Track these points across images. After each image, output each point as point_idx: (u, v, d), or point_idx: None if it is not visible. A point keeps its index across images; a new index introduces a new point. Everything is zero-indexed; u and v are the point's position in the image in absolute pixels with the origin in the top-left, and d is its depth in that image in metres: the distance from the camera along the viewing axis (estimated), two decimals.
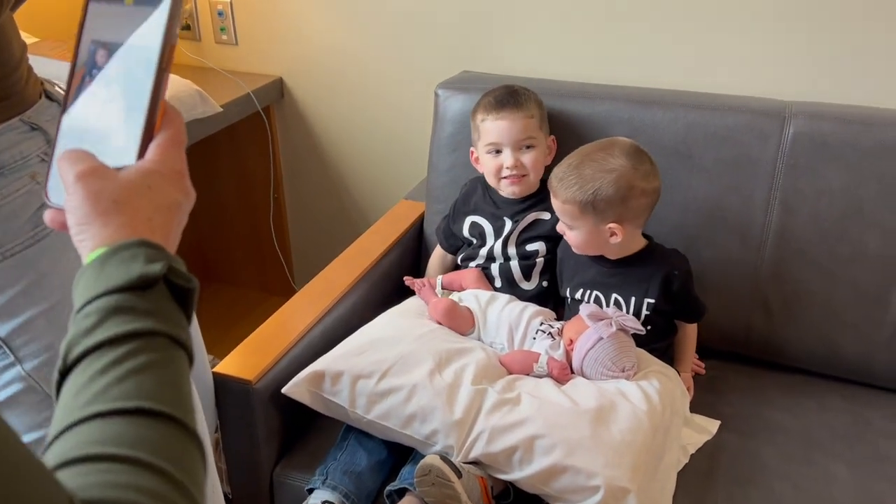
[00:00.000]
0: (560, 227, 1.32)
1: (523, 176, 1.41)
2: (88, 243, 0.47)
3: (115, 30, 0.51)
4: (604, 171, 1.24)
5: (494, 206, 1.47)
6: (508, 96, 1.42)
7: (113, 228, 0.46)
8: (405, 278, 1.48)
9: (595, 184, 1.23)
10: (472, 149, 1.49)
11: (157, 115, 0.51)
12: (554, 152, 1.46)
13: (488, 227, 1.46)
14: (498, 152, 1.41)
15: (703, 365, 1.44)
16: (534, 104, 1.42)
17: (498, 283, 1.44)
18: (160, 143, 0.51)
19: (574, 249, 1.32)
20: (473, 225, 1.48)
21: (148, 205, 0.48)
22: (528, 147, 1.40)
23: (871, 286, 1.35)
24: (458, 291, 1.41)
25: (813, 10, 1.50)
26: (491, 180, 1.45)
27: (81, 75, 0.52)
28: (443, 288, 1.45)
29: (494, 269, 1.45)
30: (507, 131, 1.39)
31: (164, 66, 0.50)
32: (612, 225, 1.25)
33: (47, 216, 0.50)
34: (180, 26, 0.51)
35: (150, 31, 0.50)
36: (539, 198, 1.44)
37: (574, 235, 1.29)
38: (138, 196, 0.48)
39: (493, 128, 1.40)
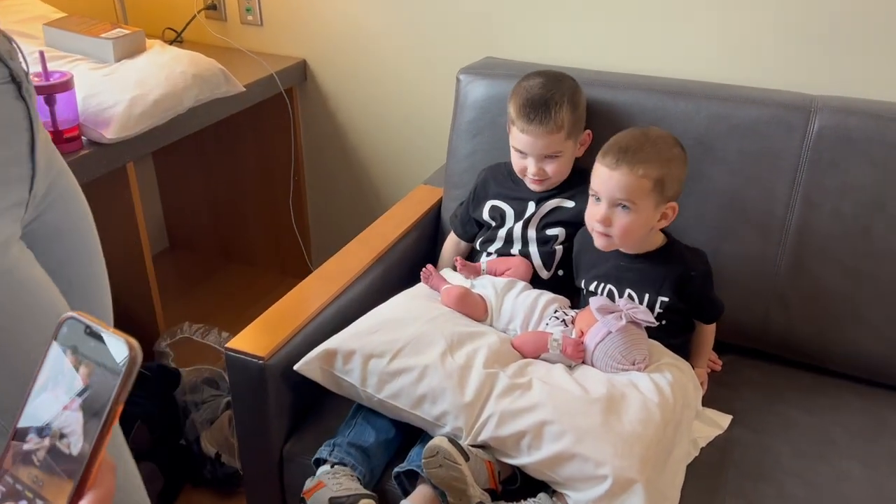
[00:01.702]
0: (606, 213, 1.24)
1: (546, 179, 1.41)
2: None
3: (83, 355, 0.52)
4: (672, 150, 1.25)
5: (517, 188, 1.46)
6: (539, 107, 1.35)
7: None
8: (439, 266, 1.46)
9: (669, 160, 1.23)
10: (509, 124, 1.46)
11: (92, 470, 0.52)
12: (587, 146, 1.45)
13: (509, 211, 1.46)
14: (524, 154, 1.40)
15: (720, 363, 1.43)
16: (566, 110, 1.36)
17: None
18: None
19: (619, 239, 1.26)
20: (493, 208, 1.48)
21: None
22: (552, 157, 1.39)
23: (893, 285, 1.33)
24: (499, 276, 1.39)
25: (842, 4, 1.47)
26: (518, 173, 1.44)
27: (47, 376, 0.54)
28: (487, 273, 1.43)
29: (514, 253, 1.44)
30: (532, 146, 1.37)
31: (107, 426, 0.51)
32: (671, 204, 1.25)
33: None
34: (133, 382, 0.52)
35: (100, 392, 0.51)
36: (564, 186, 1.44)
37: (630, 220, 1.23)
38: None
39: (519, 136, 1.39)
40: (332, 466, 1.14)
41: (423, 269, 1.41)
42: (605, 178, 1.24)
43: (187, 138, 1.73)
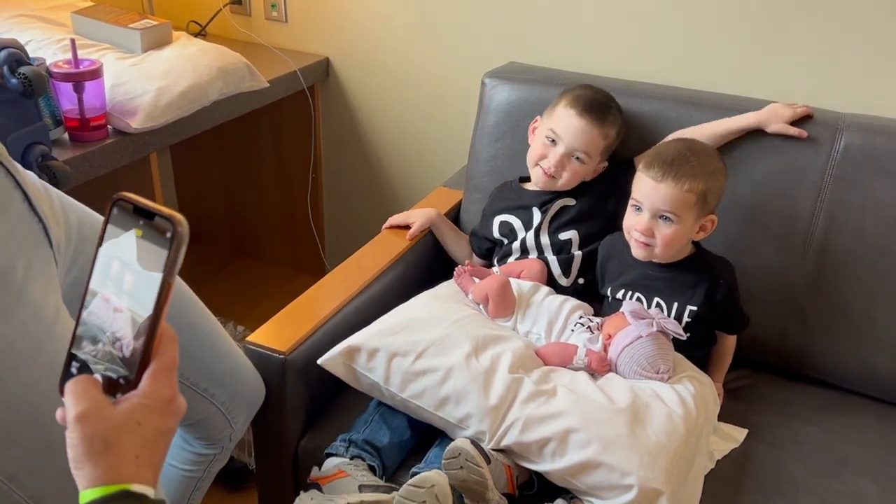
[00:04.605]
0: (648, 224, 1.25)
1: (555, 178, 1.40)
2: (82, 481, 0.54)
3: (128, 251, 0.56)
4: (715, 163, 1.26)
5: (519, 198, 1.47)
6: (602, 106, 1.38)
7: (102, 470, 0.54)
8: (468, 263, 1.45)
9: (712, 173, 1.24)
10: (538, 117, 1.46)
11: (153, 343, 0.56)
12: (599, 173, 1.45)
13: (517, 223, 1.46)
14: (553, 142, 1.40)
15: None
16: (616, 127, 1.40)
17: None
18: (152, 373, 0.57)
19: (661, 249, 1.26)
20: (503, 224, 1.48)
21: (136, 442, 0.55)
22: (578, 159, 1.39)
23: None
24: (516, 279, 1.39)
25: (873, 22, 1.47)
26: (529, 161, 1.44)
27: (98, 279, 0.57)
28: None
29: None
30: (574, 133, 1.36)
31: (162, 301, 0.55)
32: (711, 216, 1.27)
33: (58, 414, 0.56)
34: (179, 268, 0.56)
35: (153, 267, 0.55)
36: (563, 191, 1.44)
37: (673, 231, 1.24)
38: (128, 434, 0.55)
39: (567, 120, 1.37)
40: (351, 459, 1.14)
41: (458, 266, 1.41)
42: (649, 189, 1.24)
43: (206, 132, 1.73)
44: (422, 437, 1.22)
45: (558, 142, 1.39)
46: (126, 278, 0.56)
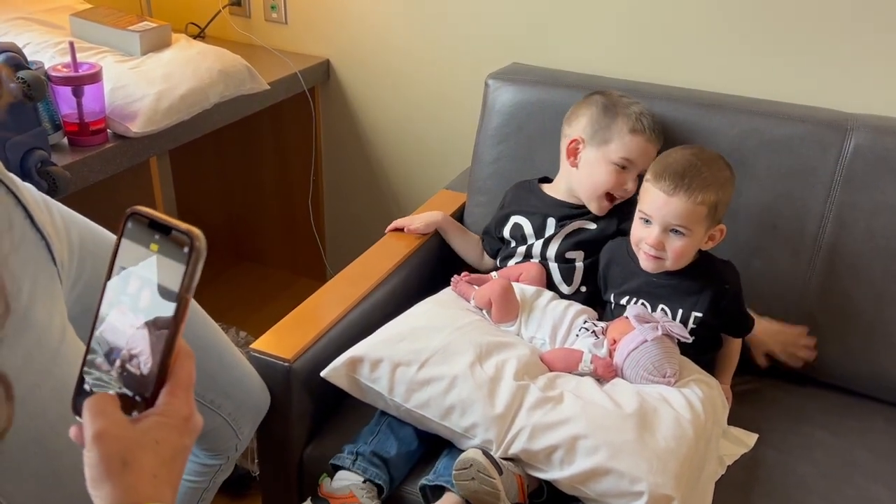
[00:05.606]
0: (659, 238, 1.22)
1: (618, 198, 1.40)
2: (100, 501, 0.54)
3: (143, 266, 0.55)
4: (724, 173, 1.23)
5: (540, 203, 1.45)
6: (659, 126, 1.39)
7: (121, 490, 0.53)
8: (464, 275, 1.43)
9: (722, 183, 1.22)
10: (577, 136, 1.40)
11: (170, 361, 0.56)
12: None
13: (529, 228, 1.45)
14: (624, 168, 1.36)
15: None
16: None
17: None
18: (169, 390, 0.56)
19: (672, 263, 1.24)
20: (515, 226, 1.46)
21: (154, 461, 0.54)
22: (639, 176, 1.38)
23: None
24: (518, 283, 1.38)
25: (883, 20, 1.46)
26: (594, 191, 1.39)
27: (111, 298, 0.56)
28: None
29: None
30: (647, 157, 1.35)
31: (179, 318, 0.54)
32: (720, 226, 1.25)
33: (73, 432, 0.55)
34: (196, 284, 0.55)
35: (169, 283, 0.54)
36: (587, 209, 1.43)
37: (684, 244, 1.22)
38: (146, 453, 0.54)
39: (641, 145, 1.35)
40: (364, 482, 1.12)
41: (454, 276, 1.39)
42: (660, 203, 1.21)
43: (205, 135, 1.71)
44: (429, 447, 1.20)
45: (631, 168, 1.37)
46: (142, 294, 0.55)
